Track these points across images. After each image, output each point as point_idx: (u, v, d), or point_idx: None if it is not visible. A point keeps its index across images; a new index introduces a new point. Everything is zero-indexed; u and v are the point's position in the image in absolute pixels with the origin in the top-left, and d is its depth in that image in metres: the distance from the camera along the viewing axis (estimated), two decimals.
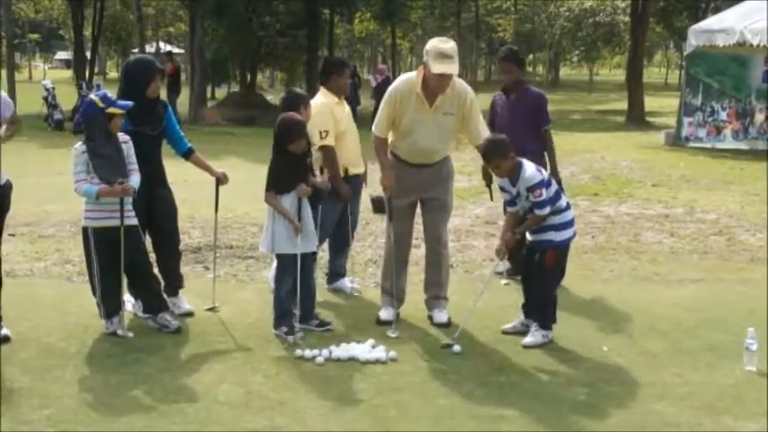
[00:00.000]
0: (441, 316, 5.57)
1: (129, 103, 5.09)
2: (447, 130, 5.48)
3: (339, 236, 6.25)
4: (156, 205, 5.54)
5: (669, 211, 10.06)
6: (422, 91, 5.29)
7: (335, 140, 5.87)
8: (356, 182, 6.15)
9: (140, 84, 5.38)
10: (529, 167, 5.12)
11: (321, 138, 5.80)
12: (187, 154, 5.71)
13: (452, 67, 5.16)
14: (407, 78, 5.41)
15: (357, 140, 6.16)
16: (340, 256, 6.39)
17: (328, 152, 5.86)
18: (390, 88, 5.45)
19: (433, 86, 5.25)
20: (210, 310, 5.71)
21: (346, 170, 6.00)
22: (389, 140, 5.59)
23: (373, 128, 5.54)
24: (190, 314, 5.63)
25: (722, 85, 17.81)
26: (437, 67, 5.13)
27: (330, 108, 5.95)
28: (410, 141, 5.46)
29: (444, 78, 5.19)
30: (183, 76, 26.06)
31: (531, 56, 54.92)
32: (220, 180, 5.73)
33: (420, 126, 5.38)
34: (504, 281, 6.50)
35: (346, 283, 6.37)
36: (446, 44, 5.21)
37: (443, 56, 5.12)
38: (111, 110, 5.00)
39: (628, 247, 8.13)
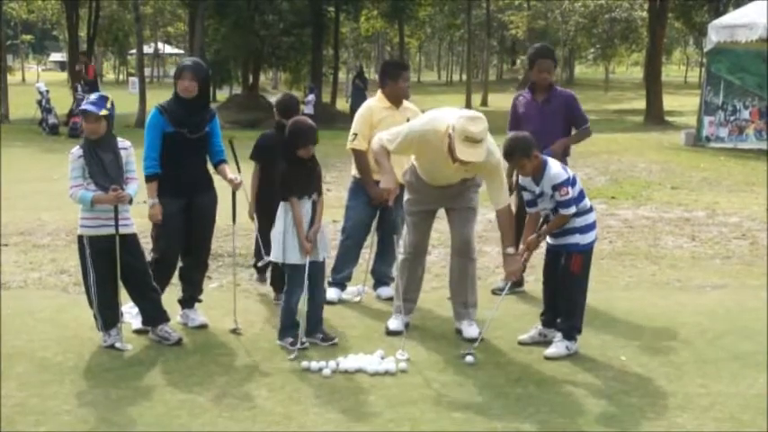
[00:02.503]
0: (471, 330, 5.35)
1: (93, 108, 4.91)
2: (469, 173, 5.31)
3: (381, 242, 6.24)
4: (194, 213, 5.43)
5: (690, 214, 9.94)
6: (447, 151, 4.99)
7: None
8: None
9: (174, 83, 5.35)
10: (554, 165, 4.98)
11: (350, 140, 5.94)
12: (217, 164, 5.61)
13: (478, 153, 4.85)
14: (436, 129, 5.05)
15: None
16: (380, 262, 6.32)
17: (355, 156, 5.96)
18: (418, 131, 5.14)
19: (456, 159, 4.96)
20: (234, 332, 5.43)
21: None
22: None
23: (384, 140, 5.24)
24: (203, 326, 5.50)
25: (744, 82, 17.58)
26: (463, 153, 4.83)
27: (370, 112, 5.97)
28: (431, 176, 5.35)
29: (469, 162, 4.93)
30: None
31: None
32: (232, 184, 5.56)
33: (442, 170, 5.23)
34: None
35: (385, 290, 6.26)
36: (476, 126, 4.81)
37: (471, 140, 4.81)
38: (83, 107, 4.94)
39: (647, 252, 8.01)
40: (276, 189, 5.17)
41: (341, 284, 6.23)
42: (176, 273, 5.65)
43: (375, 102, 6.09)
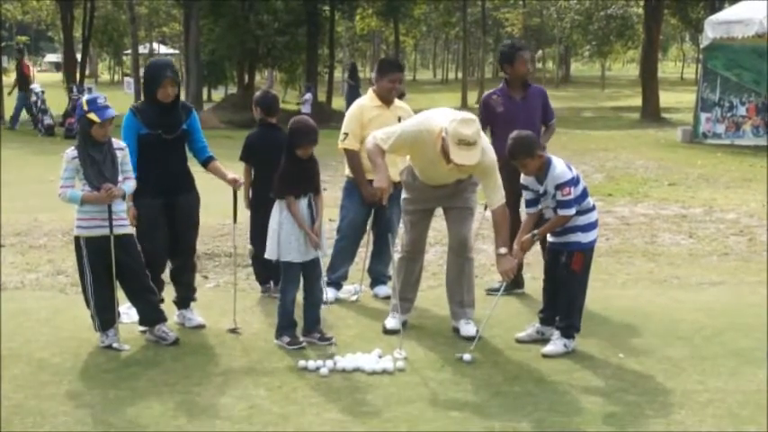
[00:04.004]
0: (468, 328, 5.33)
1: (112, 112, 4.91)
2: (465, 173, 5.27)
3: (377, 241, 6.23)
4: (175, 213, 5.40)
5: (687, 211, 9.92)
6: (440, 152, 4.98)
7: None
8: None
9: (151, 87, 5.27)
10: (559, 164, 4.94)
11: (341, 140, 5.96)
12: (206, 162, 5.55)
13: (473, 156, 4.81)
14: (429, 131, 5.03)
15: None
16: (377, 261, 6.31)
17: (346, 155, 5.98)
18: (411, 131, 5.12)
19: (451, 162, 4.93)
20: (232, 331, 5.40)
21: None
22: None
23: (379, 138, 5.19)
24: (201, 327, 5.48)
25: (741, 78, 17.54)
26: (457, 156, 4.79)
27: (360, 111, 5.98)
28: (426, 176, 5.33)
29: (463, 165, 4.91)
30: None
31: (540, 51, 54.63)
32: (233, 184, 5.50)
33: (436, 170, 5.20)
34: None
35: (382, 289, 6.24)
36: (468, 129, 4.78)
37: (465, 143, 4.77)
38: (90, 115, 4.86)
39: (644, 249, 7.99)
40: (272, 185, 5.15)
41: (337, 284, 6.21)
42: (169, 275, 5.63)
43: (366, 100, 6.09)
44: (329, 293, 6.03)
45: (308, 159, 5.09)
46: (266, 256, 5.24)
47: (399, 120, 5.91)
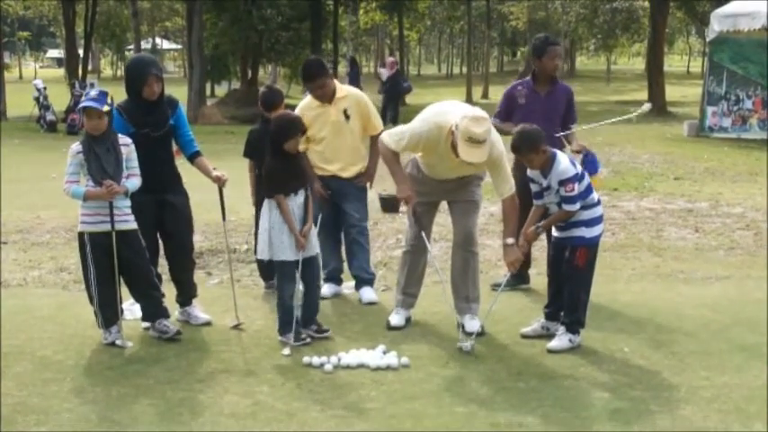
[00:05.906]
0: (473, 324, 5.30)
1: (91, 103, 4.85)
2: (472, 169, 5.25)
3: (345, 240, 6.21)
4: (167, 211, 5.38)
5: (693, 205, 9.89)
6: (450, 147, 4.99)
7: (312, 143, 5.93)
8: (333, 182, 6.00)
9: (135, 85, 5.23)
10: (563, 160, 4.93)
11: None
12: (193, 157, 5.52)
13: (481, 154, 4.81)
14: (440, 127, 5.02)
15: (343, 143, 5.98)
16: (351, 261, 6.23)
17: None
18: (422, 128, 5.10)
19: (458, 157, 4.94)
20: (236, 328, 5.39)
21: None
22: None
23: (391, 140, 5.19)
24: (207, 324, 5.45)
25: (747, 72, 17.45)
26: (466, 154, 4.79)
27: (300, 113, 5.90)
28: (434, 171, 5.32)
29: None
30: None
31: None
32: (218, 182, 5.48)
33: (444, 165, 5.20)
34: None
35: (366, 292, 6.13)
36: (479, 127, 4.76)
37: (474, 141, 4.76)
38: (85, 104, 4.87)
39: (650, 243, 7.95)
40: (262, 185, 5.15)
41: (335, 279, 6.19)
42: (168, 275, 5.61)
43: (306, 101, 6.08)
44: (326, 290, 6.01)
45: (294, 155, 5.07)
46: (258, 256, 5.20)
47: (345, 112, 5.94)
